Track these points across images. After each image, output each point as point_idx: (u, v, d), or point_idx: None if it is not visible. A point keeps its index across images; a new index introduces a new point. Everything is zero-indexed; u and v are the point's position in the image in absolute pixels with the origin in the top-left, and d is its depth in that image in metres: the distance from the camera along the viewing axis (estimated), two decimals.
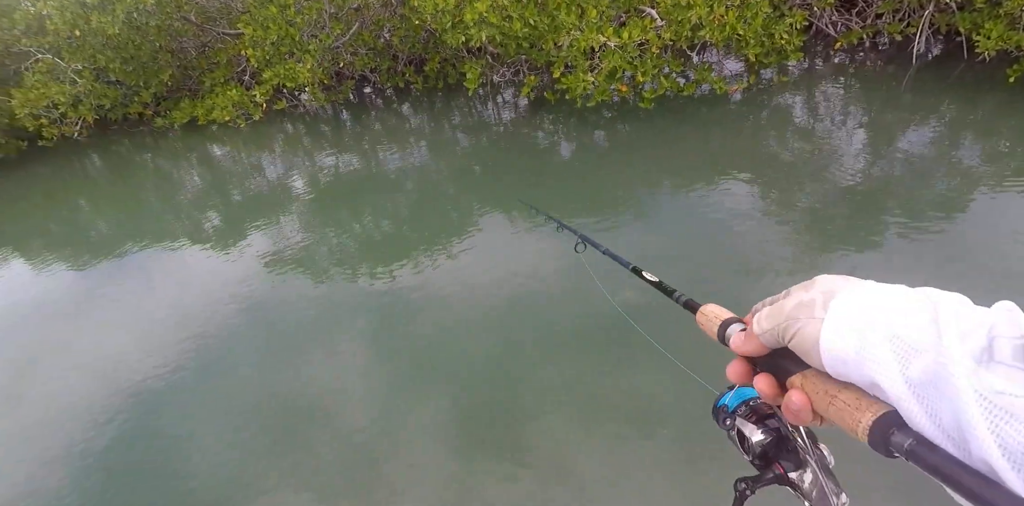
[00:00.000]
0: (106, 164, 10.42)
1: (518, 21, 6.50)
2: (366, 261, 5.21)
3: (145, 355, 4.46)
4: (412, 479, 3.00)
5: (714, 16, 5.93)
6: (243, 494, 3.12)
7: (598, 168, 6.27)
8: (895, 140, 5.63)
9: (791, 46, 6.25)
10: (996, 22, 5.78)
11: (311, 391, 3.76)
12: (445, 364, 3.76)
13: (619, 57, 6.23)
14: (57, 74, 9.70)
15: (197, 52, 11.18)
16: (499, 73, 8.64)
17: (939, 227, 4.17)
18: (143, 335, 4.75)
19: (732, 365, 0.65)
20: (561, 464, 2.93)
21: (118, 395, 4.09)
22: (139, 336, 4.75)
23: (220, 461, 3.37)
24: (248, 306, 4.86)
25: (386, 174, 7.25)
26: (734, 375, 0.65)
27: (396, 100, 10.33)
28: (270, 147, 9.30)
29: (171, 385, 4.10)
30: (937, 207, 4.44)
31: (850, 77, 7.48)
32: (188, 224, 7.03)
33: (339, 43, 8.95)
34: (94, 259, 6.43)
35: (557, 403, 3.29)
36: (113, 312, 5.28)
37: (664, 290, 1.08)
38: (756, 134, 6.36)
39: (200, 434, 3.61)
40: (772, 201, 4.95)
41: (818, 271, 0.58)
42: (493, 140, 7.71)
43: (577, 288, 4.20)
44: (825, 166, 5.33)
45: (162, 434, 3.68)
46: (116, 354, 4.57)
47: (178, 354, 4.40)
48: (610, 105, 7.65)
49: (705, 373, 1.35)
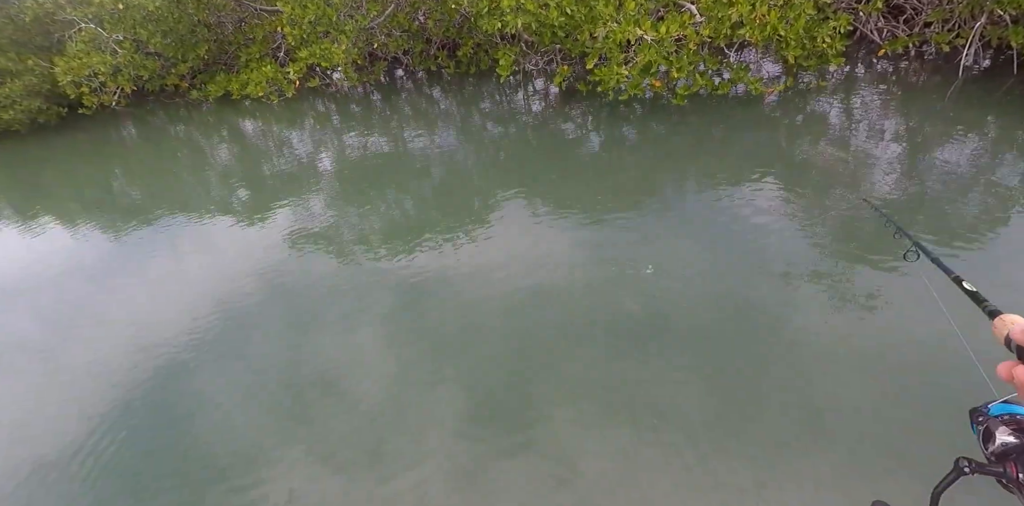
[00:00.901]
0: (141, 134, 10.63)
1: (555, 10, 6.44)
2: (389, 241, 5.27)
3: (169, 321, 4.59)
4: (422, 458, 3.06)
5: (756, 14, 5.80)
6: (258, 461, 3.22)
7: (626, 163, 6.22)
8: (933, 154, 5.48)
9: (833, 50, 6.10)
10: None
11: (329, 365, 3.84)
12: (463, 348, 3.80)
13: (655, 51, 6.15)
14: (99, 44, 9.89)
15: (234, 27, 11.29)
16: (532, 61, 8.59)
17: (970, 245, 4.08)
18: (168, 302, 4.88)
19: (1005, 364, 0.69)
20: (571, 456, 2.96)
21: (142, 357, 4.22)
22: (164, 302, 4.88)
23: (237, 427, 3.47)
24: (271, 279, 4.95)
25: (413, 156, 7.28)
26: (1004, 371, 0.68)
27: (427, 83, 10.33)
28: (300, 124, 9.40)
29: (194, 351, 4.21)
30: (970, 226, 4.33)
31: (892, 85, 7.27)
32: (217, 195, 7.17)
33: (374, 24, 8.96)
34: (126, 225, 6.60)
35: (572, 395, 3.32)
36: (140, 278, 5.43)
37: (977, 300, 1.19)
38: (790, 139, 6.24)
39: (221, 399, 3.71)
40: (799, 203, 4.87)
41: None
42: (522, 128, 7.68)
43: (597, 281, 4.21)
44: (857, 176, 5.22)
45: (182, 398, 3.79)
46: (141, 319, 4.71)
47: (201, 322, 4.51)
48: (642, 100, 7.56)
49: None
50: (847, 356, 3.28)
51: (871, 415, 2.92)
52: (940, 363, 3.06)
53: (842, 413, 2.95)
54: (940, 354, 3.10)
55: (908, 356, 3.19)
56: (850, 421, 2.91)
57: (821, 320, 3.57)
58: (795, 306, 3.72)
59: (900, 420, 2.86)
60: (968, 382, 2.28)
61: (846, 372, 3.17)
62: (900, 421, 2.85)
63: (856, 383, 3.09)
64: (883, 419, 2.89)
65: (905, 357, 3.19)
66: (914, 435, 2.78)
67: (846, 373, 3.17)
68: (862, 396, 3.02)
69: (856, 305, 3.65)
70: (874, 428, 2.85)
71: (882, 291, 3.71)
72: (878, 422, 2.87)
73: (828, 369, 3.21)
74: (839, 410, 2.97)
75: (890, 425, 2.85)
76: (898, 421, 2.85)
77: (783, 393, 3.12)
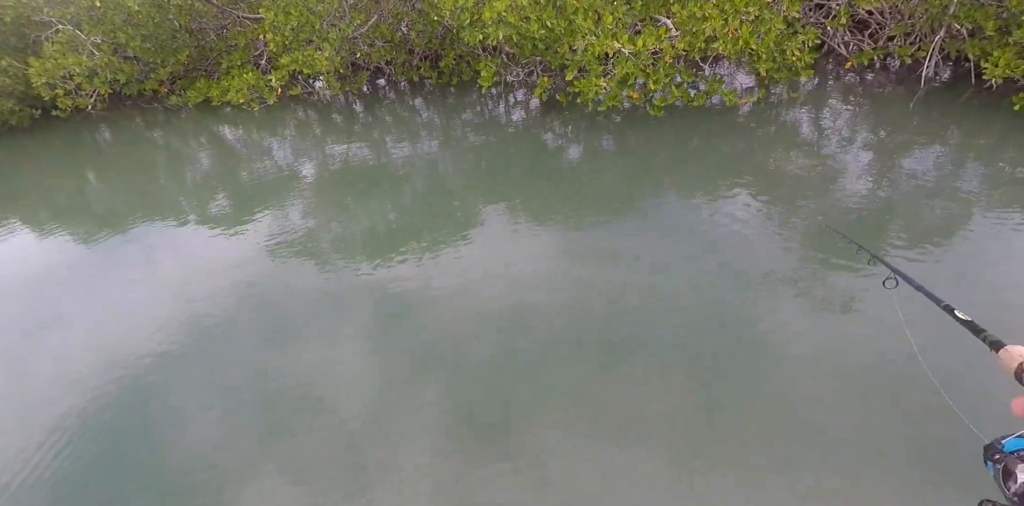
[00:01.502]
0: (117, 138, 10.49)
1: (535, 22, 6.58)
2: (368, 252, 5.25)
3: (141, 332, 4.46)
4: (401, 473, 3.02)
5: (728, 29, 6.02)
6: (232, 476, 3.14)
7: (605, 173, 6.36)
8: (898, 161, 5.72)
9: (802, 63, 6.35)
10: (1004, 50, 5.88)
11: (307, 379, 3.77)
12: (443, 360, 3.78)
13: (632, 64, 6.32)
14: (76, 45, 9.76)
15: (215, 34, 11.25)
16: (513, 73, 8.73)
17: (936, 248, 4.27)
18: (140, 311, 4.76)
19: (1020, 399, 0.67)
20: (553, 470, 2.96)
21: (111, 370, 4.09)
22: (136, 312, 4.76)
23: (211, 442, 3.38)
24: (248, 289, 4.88)
25: (394, 166, 7.33)
26: (1020, 408, 0.66)
27: (409, 93, 10.41)
28: (281, 132, 9.39)
29: (166, 363, 4.11)
30: (936, 230, 4.54)
31: (859, 97, 7.58)
32: (194, 203, 7.09)
33: (357, 34, 9.03)
34: (98, 232, 6.47)
35: (554, 408, 3.32)
36: (111, 287, 5.30)
37: (974, 330, 1.11)
38: (763, 148, 6.45)
39: (193, 413, 3.62)
40: (774, 213, 5.04)
41: None
42: (503, 139, 7.79)
43: (576, 293, 4.26)
44: (827, 183, 5.42)
45: (154, 411, 3.68)
46: (111, 329, 4.59)
47: (175, 332, 4.41)
48: (620, 111, 7.74)
49: None
50: (820, 368, 3.36)
51: (847, 427, 3.00)
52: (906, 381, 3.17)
53: (820, 425, 3.03)
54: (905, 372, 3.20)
55: (875, 372, 3.28)
56: (828, 433, 2.98)
57: (796, 332, 3.66)
58: (771, 318, 3.81)
59: (876, 433, 2.95)
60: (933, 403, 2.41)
61: (821, 384, 3.25)
62: (876, 434, 2.95)
63: (830, 395, 3.18)
64: (860, 431, 2.97)
65: (871, 373, 3.28)
66: (888, 447, 2.89)
67: (821, 385, 3.24)
68: (836, 408, 3.10)
69: (830, 317, 3.75)
70: (851, 439, 2.93)
71: (855, 303, 3.82)
72: (855, 434, 2.96)
73: (804, 382, 3.29)
74: (817, 422, 3.05)
75: (867, 437, 2.94)
76: (874, 434, 2.95)
77: (762, 405, 3.18)
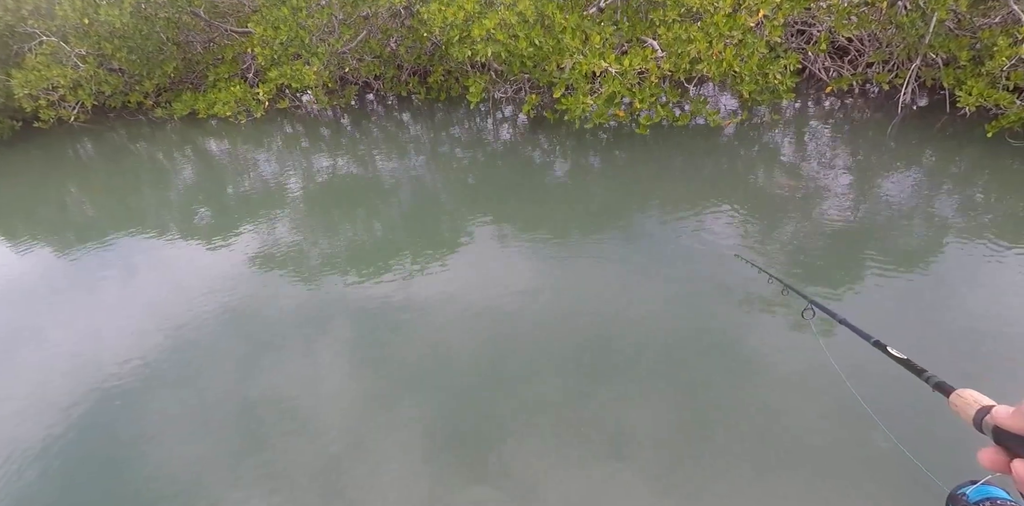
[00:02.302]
0: (100, 151, 10.36)
1: (524, 40, 6.67)
2: (352, 268, 5.21)
3: (119, 346, 4.40)
4: (382, 491, 2.98)
5: (713, 51, 6.14)
6: (209, 496, 3.08)
7: (591, 189, 6.40)
8: (876, 185, 5.84)
9: (783, 86, 6.49)
10: (978, 80, 6.06)
11: (287, 395, 3.72)
12: (426, 378, 3.75)
13: (619, 83, 6.41)
14: (60, 57, 9.68)
15: (203, 46, 11.24)
16: (501, 89, 8.81)
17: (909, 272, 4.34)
18: (119, 326, 4.69)
19: (986, 451, 0.64)
20: (535, 485, 2.94)
21: (86, 386, 4.02)
22: (114, 326, 4.69)
23: (187, 461, 3.33)
24: (228, 304, 4.82)
25: (381, 181, 7.31)
26: (988, 461, 0.63)
27: (397, 108, 10.45)
28: (268, 145, 9.34)
29: (142, 379, 4.04)
30: (910, 253, 4.61)
31: (839, 121, 7.75)
32: (177, 217, 7.00)
33: (346, 49, 9.08)
34: (77, 246, 6.35)
35: (537, 422, 3.31)
36: (90, 300, 5.22)
37: (913, 369, 1.04)
38: (745, 169, 6.56)
39: (169, 431, 3.56)
40: (752, 235, 5.09)
41: None
42: (490, 155, 7.83)
43: (560, 310, 4.27)
44: (808, 205, 5.50)
45: (127, 429, 3.61)
46: (88, 343, 4.51)
47: (152, 348, 4.34)
48: (607, 129, 7.83)
49: None
50: (804, 387, 3.39)
51: (826, 441, 3.02)
52: None
53: (800, 445, 3.04)
54: None
55: None
56: (809, 447, 3.00)
57: (777, 350, 3.69)
58: (752, 338, 3.84)
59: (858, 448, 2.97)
60: None
61: (804, 403, 3.28)
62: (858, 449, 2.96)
63: (812, 416, 3.20)
64: (837, 446, 2.99)
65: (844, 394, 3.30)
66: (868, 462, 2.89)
67: (804, 405, 3.27)
68: (817, 429, 3.13)
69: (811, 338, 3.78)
70: (824, 453, 2.96)
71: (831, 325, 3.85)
72: (831, 448, 2.98)
73: (786, 400, 3.31)
74: (796, 442, 3.06)
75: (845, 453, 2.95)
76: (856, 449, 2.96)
77: (744, 424, 3.19)
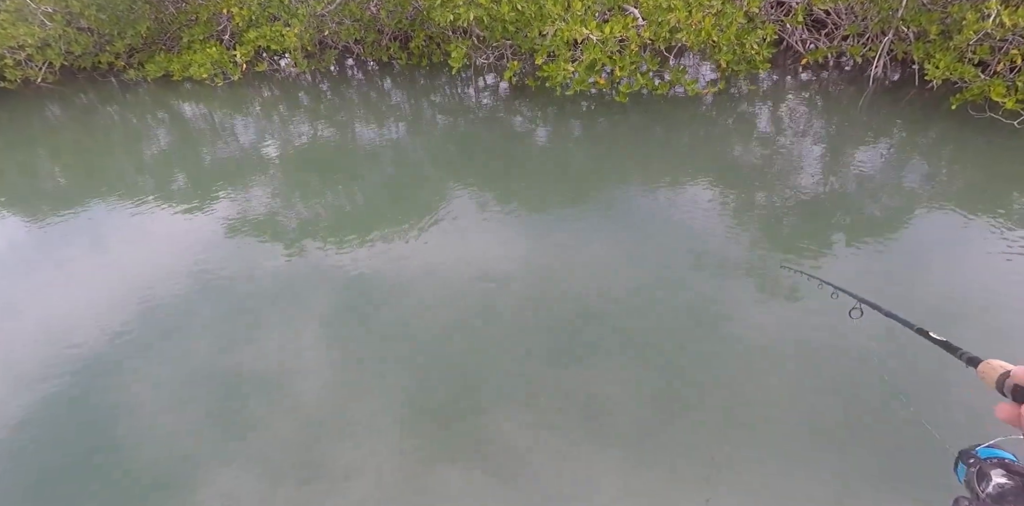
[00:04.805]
0: (68, 113, 10.08)
1: (506, 5, 6.65)
2: (329, 237, 5.15)
3: (92, 317, 4.30)
4: (361, 465, 3.00)
5: (692, 21, 6.22)
6: (185, 469, 3.07)
7: (572, 157, 6.50)
8: (847, 155, 6.05)
9: (760, 57, 6.61)
10: (945, 54, 6.25)
11: (264, 367, 3.67)
12: (405, 350, 3.74)
13: (599, 50, 6.46)
14: (25, 14, 9.32)
15: (175, 7, 10.89)
16: (483, 56, 8.77)
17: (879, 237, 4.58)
18: (92, 296, 4.57)
19: (1003, 405, 0.71)
20: (517, 459, 2.98)
21: (58, 358, 3.93)
22: (87, 297, 4.57)
23: (163, 435, 3.29)
24: (203, 273, 4.73)
25: (360, 147, 7.30)
26: (1004, 413, 0.71)
27: (378, 74, 10.33)
28: (245, 109, 9.20)
29: (117, 350, 3.96)
30: (878, 220, 4.85)
31: (814, 92, 7.92)
32: (150, 182, 6.88)
33: (325, 11, 8.90)
34: (46, 212, 6.18)
35: (518, 396, 3.31)
36: (62, 269, 5.08)
37: (950, 348, 1.15)
38: (722, 138, 6.71)
39: (144, 405, 3.50)
40: (733, 202, 5.28)
41: None
42: (471, 121, 7.85)
43: (540, 281, 4.30)
44: (781, 173, 5.70)
45: (103, 403, 3.54)
46: (60, 314, 4.40)
47: (127, 318, 4.25)
48: (588, 96, 7.89)
49: None
50: (782, 362, 3.43)
51: (806, 413, 3.08)
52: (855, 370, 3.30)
53: (781, 411, 3.11)
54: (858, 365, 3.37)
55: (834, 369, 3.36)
56: (790, 420, 3.06)
57: (757, 325, 3.73)
58: (730, 310, 3.87)
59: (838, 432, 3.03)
60: None
61: (784, 379, 3.31)
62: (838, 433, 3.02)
63: (793, 392, 3.25)
64: (819, 417, 3.06)
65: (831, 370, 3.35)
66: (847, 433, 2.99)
67: (784, 380, 3.31)
68: (798, 394, 3.20)
69: (790, 311, 3.85)
70: (810, 426, 3.02)
71: (812, 298, 3.88)
72: (815, 420, 3.05)
73: (767, 376, 3.34)
74: (778, 408, 3.13)
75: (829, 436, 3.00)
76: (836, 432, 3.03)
77: (724, 400, 3.22)
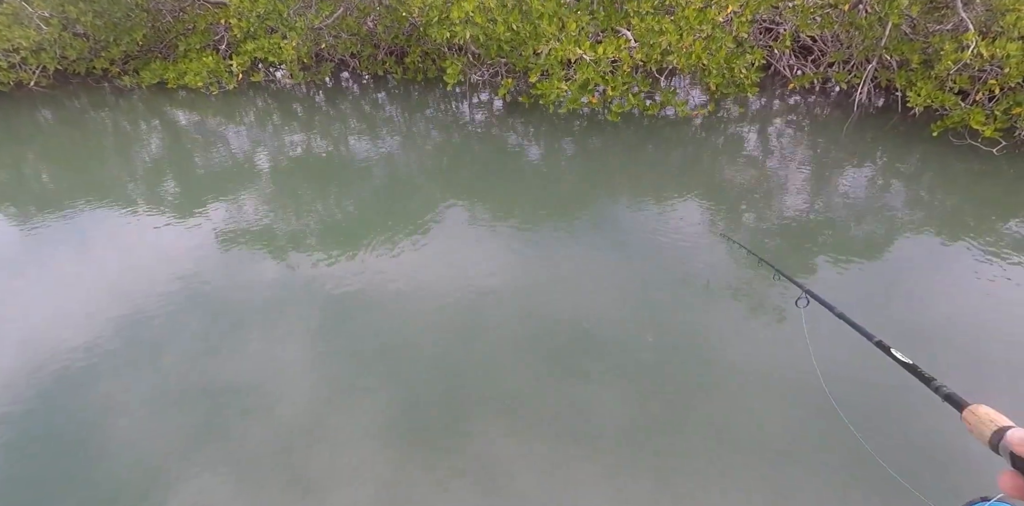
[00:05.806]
0: (61, 117, 10.03)
1: (501, 25, 6.78)
2: (319, 248, 5.14)
3: (72, 324, 4.23)
4: (345, 476, 2.97)
5: (683, 44, 6.37)
6: (164, 479, 3.02)
7: (563, 174, 6.58)
8: (832, 178, 6.19)
9: (748, 81, 6.77)
10: (927, 82, 6.45)
11: (250, 379, 3.63)
12: (392, 361, 3.73)
13: (592, 70, 6.59)
14: (21, 18, 9.33)
15: (172, 16, 10.96)
16: (478, 73, 8.90)
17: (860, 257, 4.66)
18: (73, 303, 4.50)
19: (1006, 475, 0.63)
20: (502, 473, 2.96)
21: (36, 364, 3.86)
22: (69, 304, 4.50)
23: (142, 444, 3.23)
24: (190, 282, 4.69)
25: (352, 160, 7.32)
26: (1009, 487, 0.63)
27: (373, 88, 10.42)
28: (239, 119, 9.22)
29: (96, 359, 3.89)
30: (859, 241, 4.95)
31: (800, 117, 8.11)
32: (139, 189, 6.81)
33: (323, 25, 9.01)
34: (33, 218, 6.09)
35: (504, 410, 3.30)
36: (44, 276, 4.98)
37: (920, 376, 0.98)
38: (711, 158, 6.84)
39: (124, 412, 3.44)
40: (720, 221, 5.36)
41: None
42: (464, 137, 7.93)
43: (528, 294, 4.31)
44: (767, 194, 5.80)
45: (82, 413, 3.47)
46: (40, 321, 4.32)
47: (108, 326, 4.18)
48: (580, 115, 8.02)
49: None
50: (767, 381, 3.44)
51: (793, 432, 3.09)
52: None
53: (766, 428, 3.11)
54: None
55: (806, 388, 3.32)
56: (775, 438, 3.05)
57: (739, 336, 3.78)
58: (713, 329, 3.90)
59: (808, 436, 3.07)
60: None
61: (768, 400, 3.31)
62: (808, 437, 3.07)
63: (776, 411, 3.25)
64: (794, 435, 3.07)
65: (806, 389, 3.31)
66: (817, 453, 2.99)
67: (767, 401, 3.30)
68: (784, 413, 3.20)
69: (775, 331, 3.88)
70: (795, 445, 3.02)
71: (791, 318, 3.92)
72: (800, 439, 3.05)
73: (751, 394, 3.34)
74: (764, 425, 3.13)
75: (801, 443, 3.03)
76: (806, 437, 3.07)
77: (709, 416, 3.22)
